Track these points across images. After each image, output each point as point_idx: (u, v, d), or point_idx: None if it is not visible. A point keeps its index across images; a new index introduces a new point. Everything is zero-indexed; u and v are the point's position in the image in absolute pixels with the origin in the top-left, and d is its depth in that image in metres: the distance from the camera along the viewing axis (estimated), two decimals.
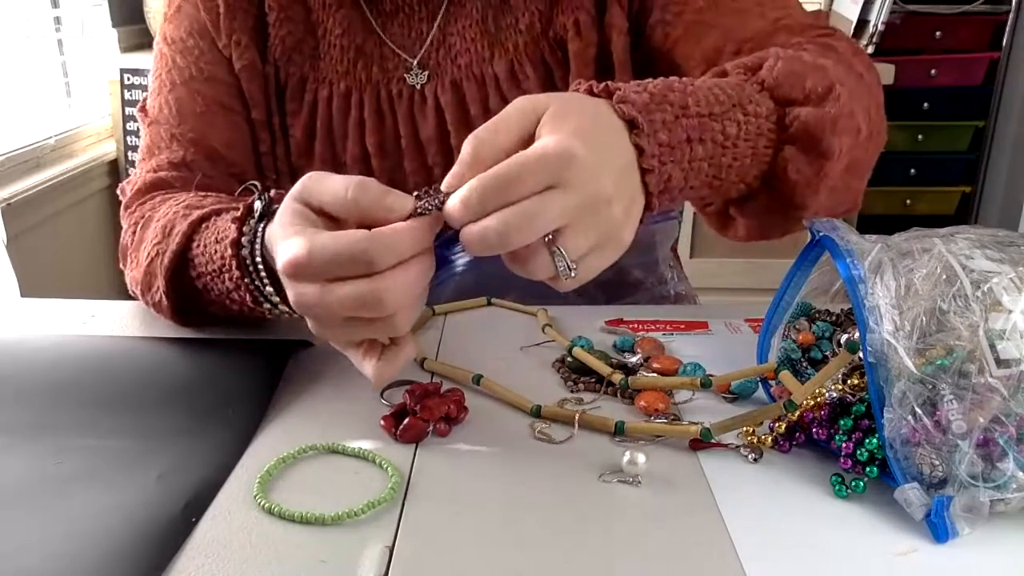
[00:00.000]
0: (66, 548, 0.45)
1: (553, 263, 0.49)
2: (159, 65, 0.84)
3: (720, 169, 0.60)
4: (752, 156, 0.61)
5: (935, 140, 2.37)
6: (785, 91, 0.63)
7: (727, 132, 0.59)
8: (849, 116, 0.64)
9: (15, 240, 1.65)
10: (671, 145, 0.55)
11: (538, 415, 0.59)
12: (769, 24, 0.75)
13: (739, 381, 0.61)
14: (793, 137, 0.62)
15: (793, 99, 0.63)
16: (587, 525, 0.48)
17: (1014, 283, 0.49)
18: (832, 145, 0.62)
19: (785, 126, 0.62)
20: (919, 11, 2.27)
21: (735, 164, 0.60)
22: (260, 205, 0.61)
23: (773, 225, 0.69)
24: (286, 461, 0.53)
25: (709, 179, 0.59)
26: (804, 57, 0.65)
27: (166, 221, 0.69)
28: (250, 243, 0.61)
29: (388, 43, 0.82)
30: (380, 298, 0.49)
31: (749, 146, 0.61)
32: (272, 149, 0.84)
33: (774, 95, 0.63)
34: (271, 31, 0.82)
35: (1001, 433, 0.47)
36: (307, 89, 0.83)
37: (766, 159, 0.63)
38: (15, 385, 0.62)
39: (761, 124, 0.61)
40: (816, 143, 0.62)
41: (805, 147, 0.62)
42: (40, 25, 1.99)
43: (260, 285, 0.61)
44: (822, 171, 0.63)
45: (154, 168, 0.80)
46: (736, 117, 0.60)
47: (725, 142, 0.59)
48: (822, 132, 0.62)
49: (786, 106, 0.63)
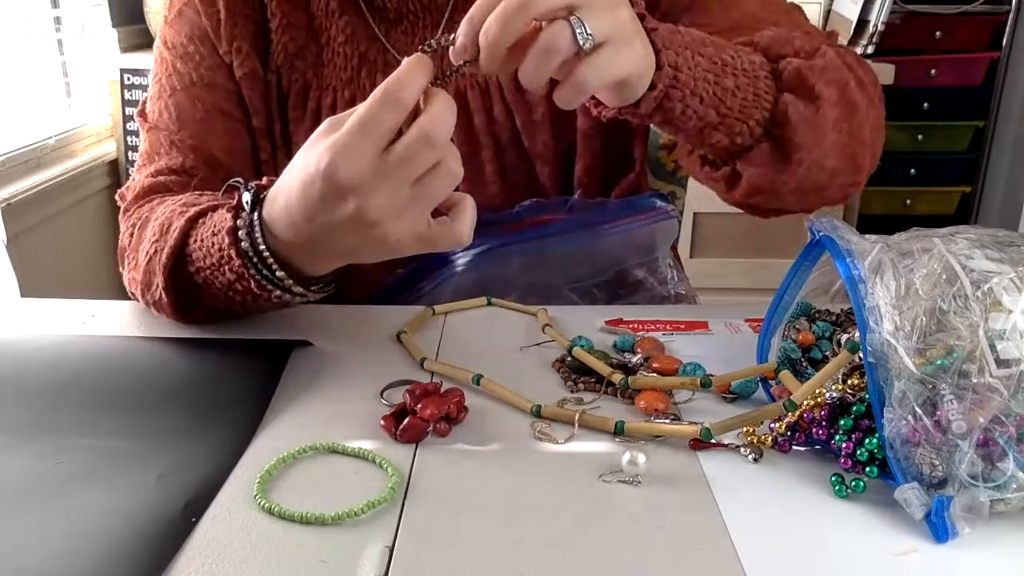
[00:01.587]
0: (66, 548, 0.45)
1: (571, 29, 0.52)
2: (159, 69, 0.84)
3: (724, 92, 0.63)
4: (754, 94, 0.65)
5: (935, 140, 2.37)
6: (776, 49, 0.69)
7: (724, 58, 0.63)
8: (836, 69, 0.69)
9: (15, 240, 1.65)
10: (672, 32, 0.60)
11: (538, 415, 0.59)
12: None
13: (739, 381, 0.61)
14: (787, 84, 0.67)
15: (783, 54, 0.68)
16: (587, 525, 0.48)
17: (1014, 283, 0.49)
18: (823, 90, 0.67)
19: (779, 75, 0.67)
20: (919, 11, 2.27)
21: (738, 93, 0.64)
22: (249, 196, 0.61)
23: (780, 180, 0.70)
24: (286, 461, 0.53)
25: (712, 96, 0.63)
26: (791, 32, 0.71)
27: (163, 219, 0.69)
28: (248, 235, 0.61)
29: (391, 50, 0.82)
30: (428, 133, 0.52)
31: (748, 81, 0.65)
32: (273, 157, 0.84)
33: (766, 54, 0.68)
34: (273, 38, 0.82)
35: (1001, 433, 0.47)
36: (310, 96, 0.82)
37: (767, 104, 0.66)
38: (15, 385, 0.62)
39: (756, 70, 0.66)
40: (809, 88, 0.67)
41: (799, 92, 0.67)
42: (40, 25, 1.99)
43: (270, 273, 0.62)
44: (819, 112, 0.67)
45: (153, 173, 0.80)
46: (731, 51, 0.65)
47: (725, 66, 0.63)
48: (813, 78, 0.67)
49: (777, 60, 0.68)
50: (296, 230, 0.59)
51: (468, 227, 0.58)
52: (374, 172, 0.53)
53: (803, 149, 0.68)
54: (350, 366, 0.66)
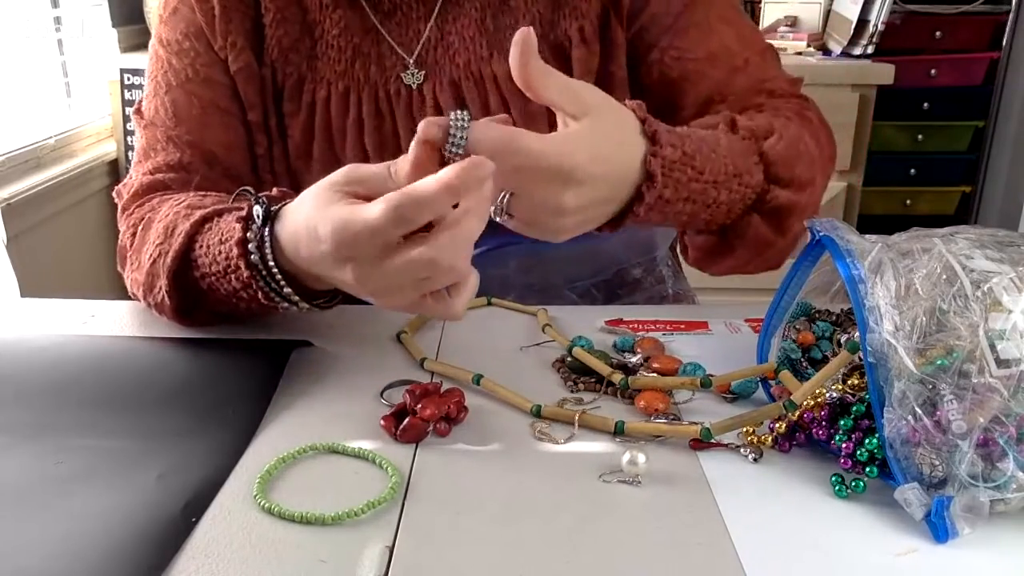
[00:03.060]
0: (66, 548, 0.45)
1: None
2: (155, 67, 0.84)
3: (693, 221, 0.68)
4: (726, 215, 0.69)
5: (935, 140, 2.37)
6: (778, 170, 0.69)
7: (719, 199, 0.66)
8: (815, 206, 0.74)
9: (15, 240, 1.65)
10: (668, 200, 0.63)
11: (538, 415, 0.59)
12: (755, 83, 0.80)
13: (739, 381, 0.61)
14: (764, 211, 0.70)
15: (780, 179, 0.70)
16: (587, 525, 0.48)
17: (1014, 283, 0.49)
18: (792, 227, 0.71)
19: (764, 201, 0.70)
20: (919, 11, 2.27)
21: (709, 220, 0.69)
22: (261, 210, 0.61)
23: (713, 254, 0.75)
24: (286, 461, 0.53)
25: (679, 223, 0.68)
26: (801, 145, 0.72)
27: (168, 222, 0.69)
28: (258, 248, 0.61)
29: (387, 39, 0.82)
30: (433, 260, 0.52)
31: (727, 208, 0.68)
32: (269, 151, 0.84)
33: (768, 172, 0.69)
34: (268, 32, 0.82)
35: (1001, 433, 0.47)
36: (305, 90, 0.83)
37: (734, 216, 0.70)
38: (15, 385, 0.62)
39: (747, 194, 0.69)
40: (780, 223, 0.70)
41: (770, 222, 0.70)
42: (40, 25, 1.99)
43: (278, 288, 0.63)
44: (774, 245, 0.71)
45: (150, 170, 0.80)
46: (731, 186, 0.67)
47: (711, 204, 0.66)
48: (789, 218, 0.70)
49: (772, 183, 0.70)
50: (300, 261, 0.60)
51: (463, 305, 0.57)
52: (375, 265, 0.54)
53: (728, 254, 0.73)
54: (350, 366, 0.66)
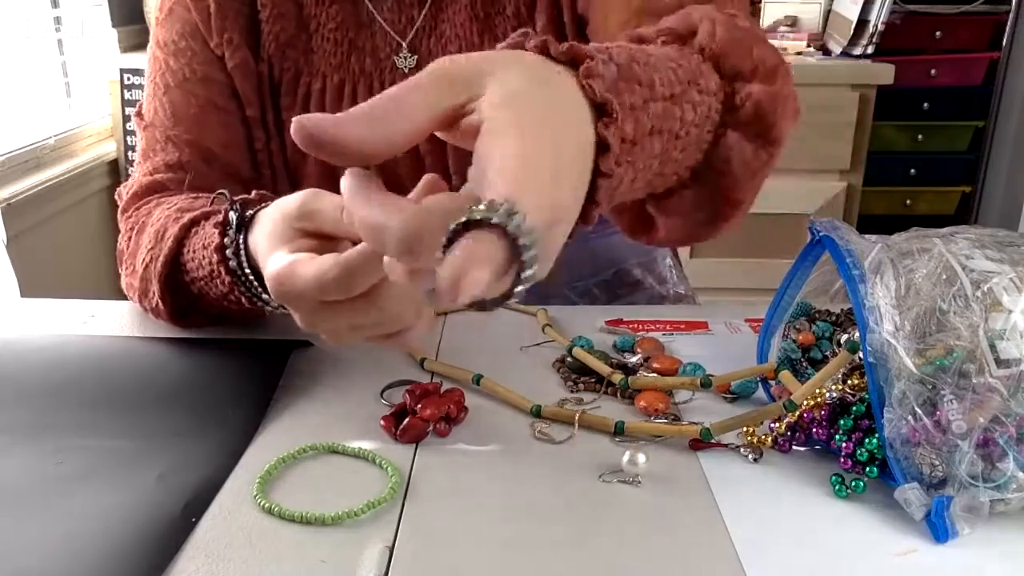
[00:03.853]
0: (66, 548, 0.45)
1: None
2: (152, 69, 0.84)
3: (666, 164, 0.49)
4: (696, 144, 0.52)
5: (935, 140, 2.37)
6: (733, 62, 0.54)
7: (684, 118, 0.49)
8: (793, 98, 0.56)
9: (15, 240, 1.65)
10: (634, 140, 0.45)
11: (538, 415, 0.59)
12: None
13: (739, 381, 0.61)
14: (742, 120, 0.53)
15: (741, 72, 0.54)
16: (587, 525, 0.48)
17: (1014, 283, 0.49)
18: (782, 131, 0.54)
19: (734, 106, 0.53)
20: (919, 11, 2.28)
21: (680, 157, 0.51)
22: (235, 216, 0.61)
23: (699, 225, 0.58)
24: (286, 461, 0.53)
25: (651, 177, 0.49)
26: (738, 21, 0.55)
27: (159, 226, 0.70)
28: (235, 255, 0.61)
29: (382, 26, 0.82)
30: (376, 313, 0.46)
31: (696, 133, 0.51)
32: (267, 146, 0.84)
33: (720, 66, 0.53)
34: (264, 28, 0.83)
35: (1001, 433, 0.47)
36: (300, 83, 0.83)
37: (705, 145, 0.53)
38: (15, 385, 0.62)
39: (711, 104, 0.51)
40: (768, 128, 0.54)
41: (754, 133, 0.54)
42: (40, 25, 1.99)
43: (256, 293, 0.62)
44: (769, 162, 0.55)
45: (150, 171, 0.81)
46: (692, 97, 0.49)
47: (680, 131, 0.49)
48: (774, 115, 0.53)
49: (734, 81, 0.54)
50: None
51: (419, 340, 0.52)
52: (315, 316, 0.48)
53: (735, 206, 0.57)
54: (350, 366, 0.66)
